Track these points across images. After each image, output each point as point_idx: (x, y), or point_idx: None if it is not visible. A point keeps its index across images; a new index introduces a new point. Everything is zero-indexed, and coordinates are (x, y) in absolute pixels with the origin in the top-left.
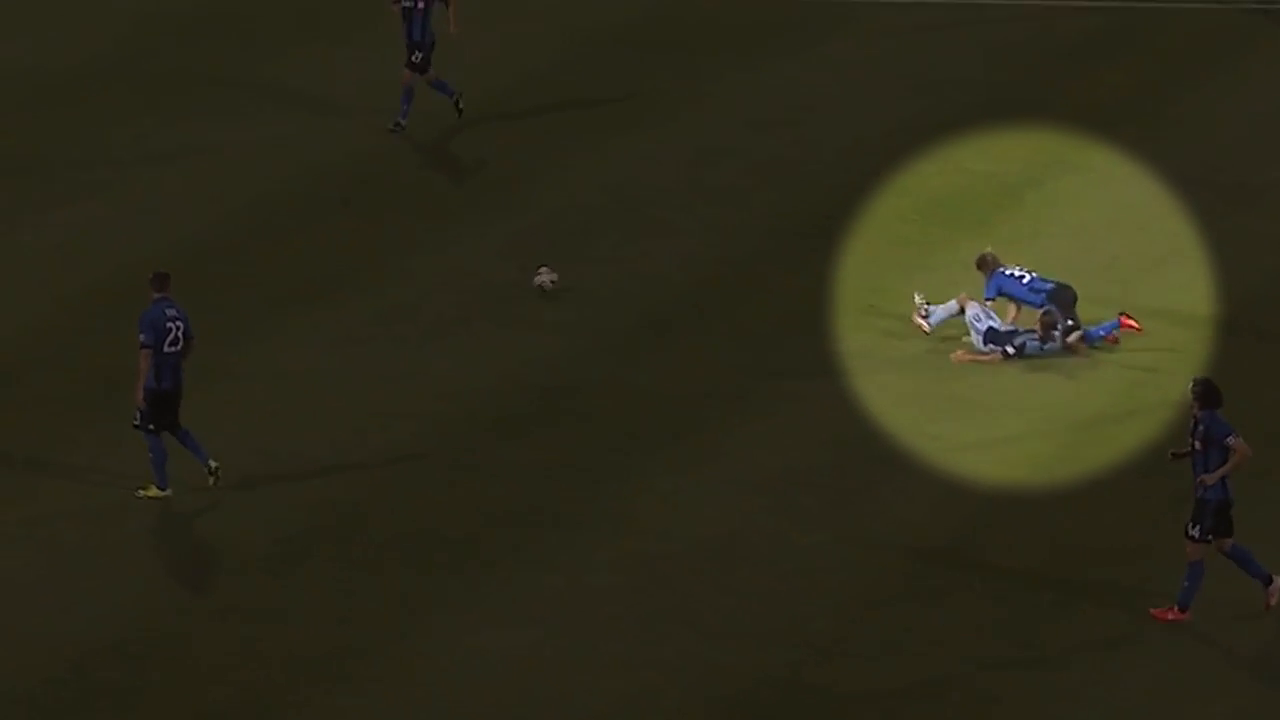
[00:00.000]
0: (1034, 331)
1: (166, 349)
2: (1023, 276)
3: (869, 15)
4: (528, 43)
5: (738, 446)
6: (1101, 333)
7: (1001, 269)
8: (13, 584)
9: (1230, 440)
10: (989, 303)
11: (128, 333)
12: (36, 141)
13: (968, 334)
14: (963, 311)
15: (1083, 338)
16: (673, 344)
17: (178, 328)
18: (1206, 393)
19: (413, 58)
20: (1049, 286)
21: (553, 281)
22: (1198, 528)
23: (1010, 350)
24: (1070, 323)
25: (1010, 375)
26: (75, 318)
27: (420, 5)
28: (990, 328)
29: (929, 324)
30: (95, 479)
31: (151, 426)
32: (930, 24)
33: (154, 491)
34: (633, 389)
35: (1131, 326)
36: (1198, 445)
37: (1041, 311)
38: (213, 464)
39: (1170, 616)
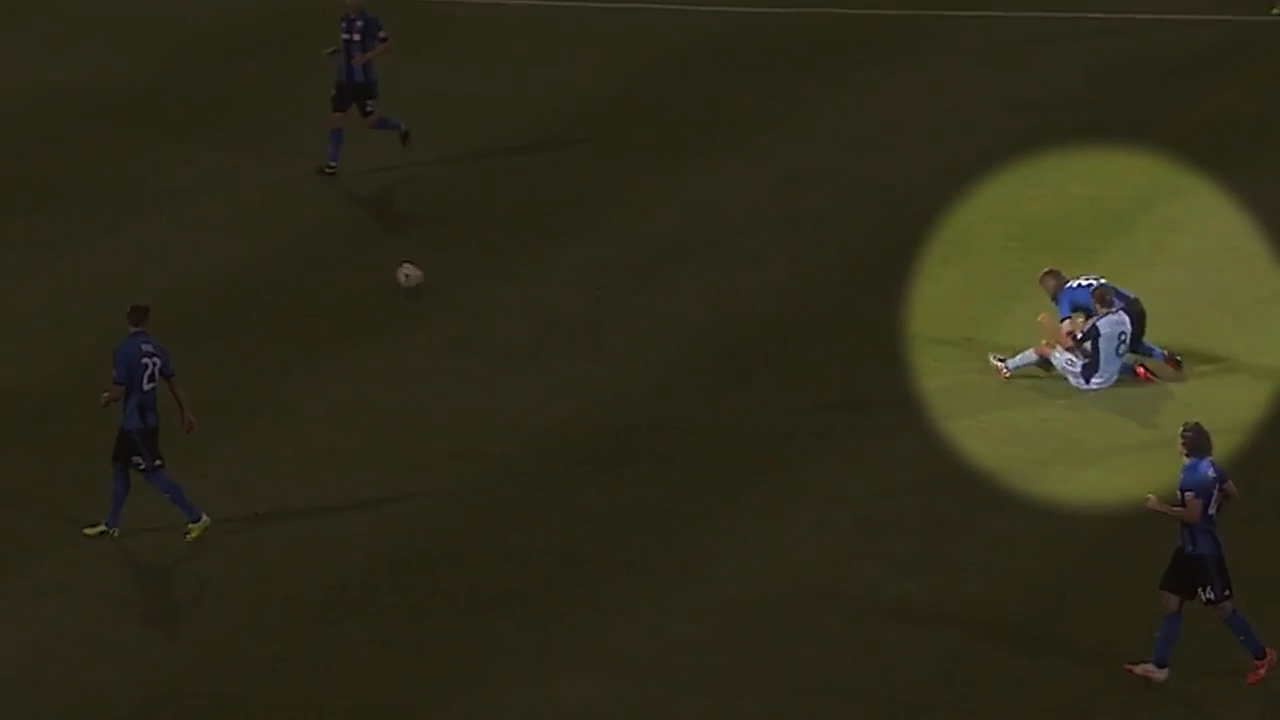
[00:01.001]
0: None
1: (146, 386)
2: (1090, 284)
3: (963, 30)
4: (600, 62)
5: (825, 488)
6: (1156, 355)
7: (1069, 283)
8: (60, 634)
9: (1187, 496)
10: (1066, 321)
11: (176, 366)
12: (80, 166)
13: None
14: (1044, 362)
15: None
16: (756, 379)
17: (154, 364)
18: (1195, 440)
19: (366, 108)
20: (1127, 295)
21: (407, 276)
22: (1210, 589)
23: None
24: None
25: (1113, 411)
26: None
27: (355, 37)
28: (1085, 365)
29: (1008, 367)
30: (140, 522)
31: (159, 463)
32: (1028, 39)
33: (196, 528)
34: (714, 427)
35: (1173, 365)
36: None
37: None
38: (115, 531)
39: (1262, 672)
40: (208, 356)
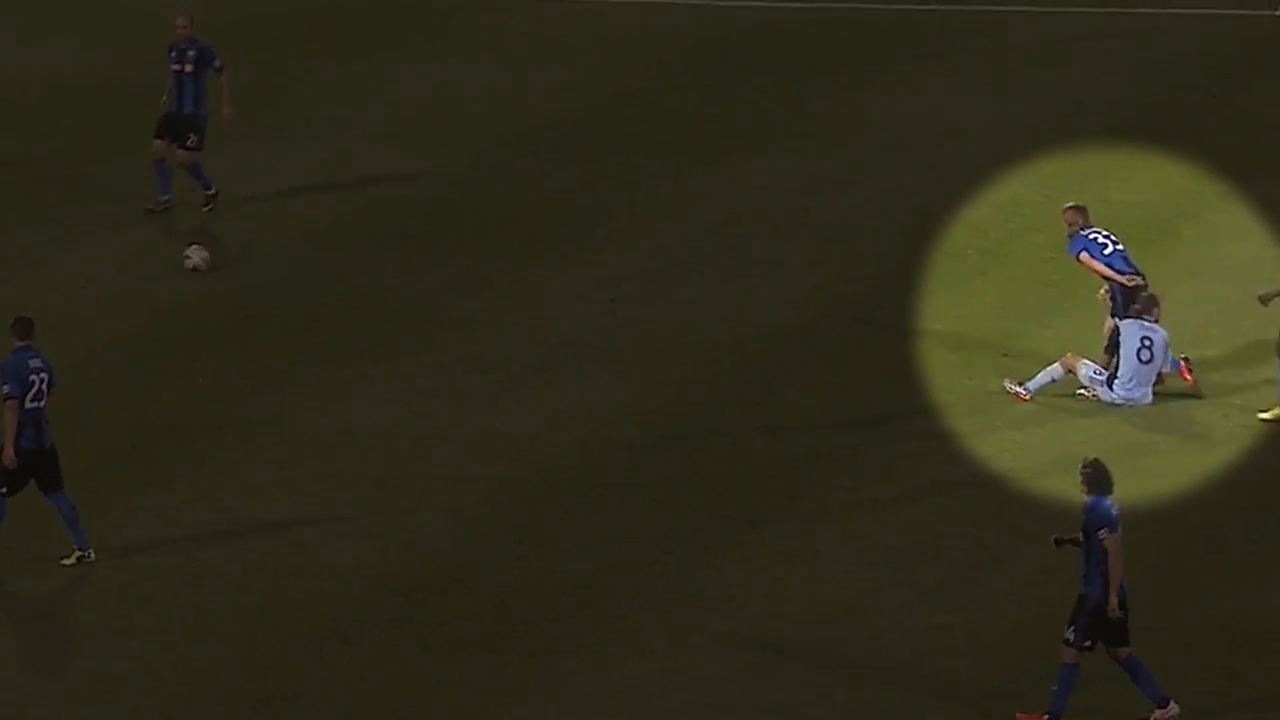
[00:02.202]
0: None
1: (29, 404)
2: (1106, 245)
3: (999, 26)
4: (613, 60)
5: (852, 513)
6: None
7: (1092, 231)
8: (37, 668)
9: (1102, 534)
10: (1077, 260)
11: (162, 385)
12: (57, 171)
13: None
14: (1072, 375)
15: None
16: (778, 397)
17: (42, 380)
18: (1095, 477)
19: (188, 141)
20: (1137, 268)
21: (204, 260)
22: (1073, 630)
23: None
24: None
25: (1158, 430)
26: (104, 367)
27: (188, 68)
28: (1109, 375)
29: (1025, 390)
30: (122, 550)
31: (4, 490)
32: (1069, 36)
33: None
34: (733, 447)
35: (1184, 377)
36: (1082, 535)
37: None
38: (91, 554)
39: None
40: (196, 374)
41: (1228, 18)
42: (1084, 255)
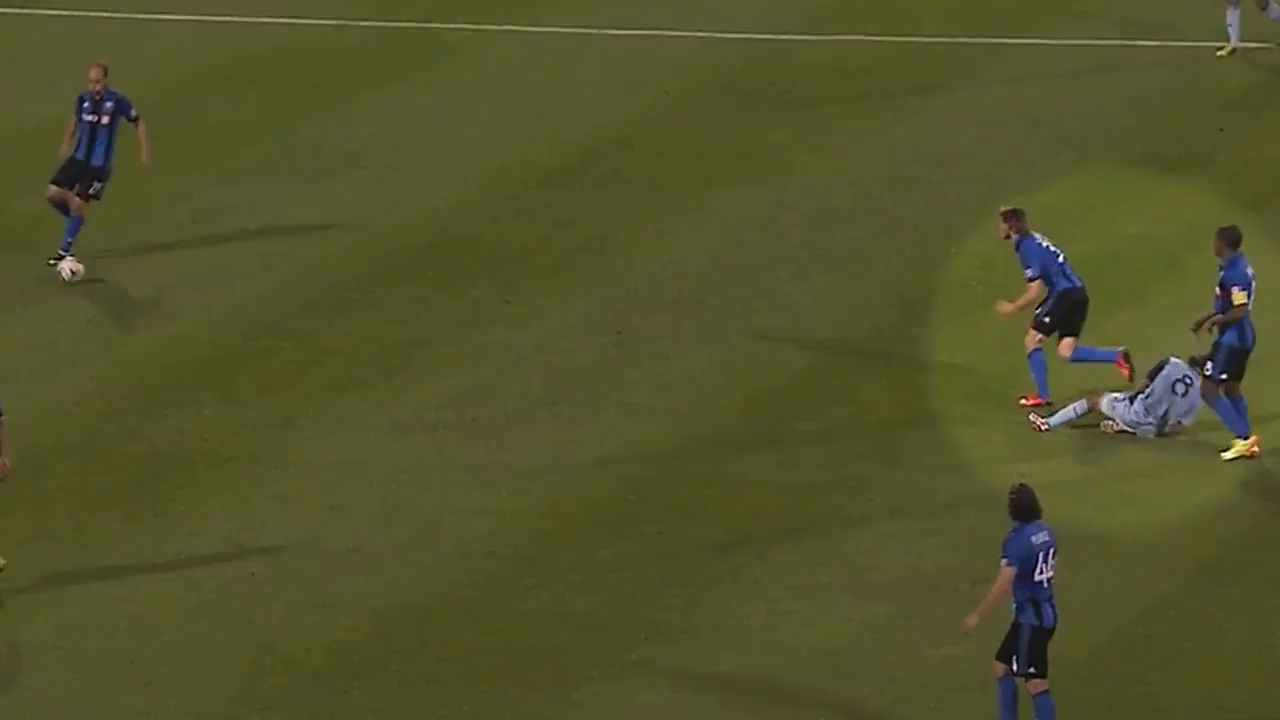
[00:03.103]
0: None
1: None
2: (1057, 254)
3: (1005, 59)
4: (619, 92)
5: (858, 546)
6: (1098, 356)
7: (1037, 238)
8: (43, 700)
9: (1002, 563)
10: (1033, 284)
11: (168, 417)
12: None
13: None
14: (1089, 410)
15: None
16: (785, 431)
17: None
18: (1017, 504)
19: (90, 189)
20: (1075, 280)
21: (73, 271)
22: (1018, 661)
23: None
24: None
25: (1165, 458)
26: (111, 400)
27: (104, 120)
28: (1134, 396)
29: (1049, 424)
30: (129, 583)
31: None
32: (1077, 68)
33: None
34: (740, 481)
35: (1123, 370)
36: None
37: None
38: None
39: None
40: (202, 406)
41: (1235, 50)
42: (1031, 273)
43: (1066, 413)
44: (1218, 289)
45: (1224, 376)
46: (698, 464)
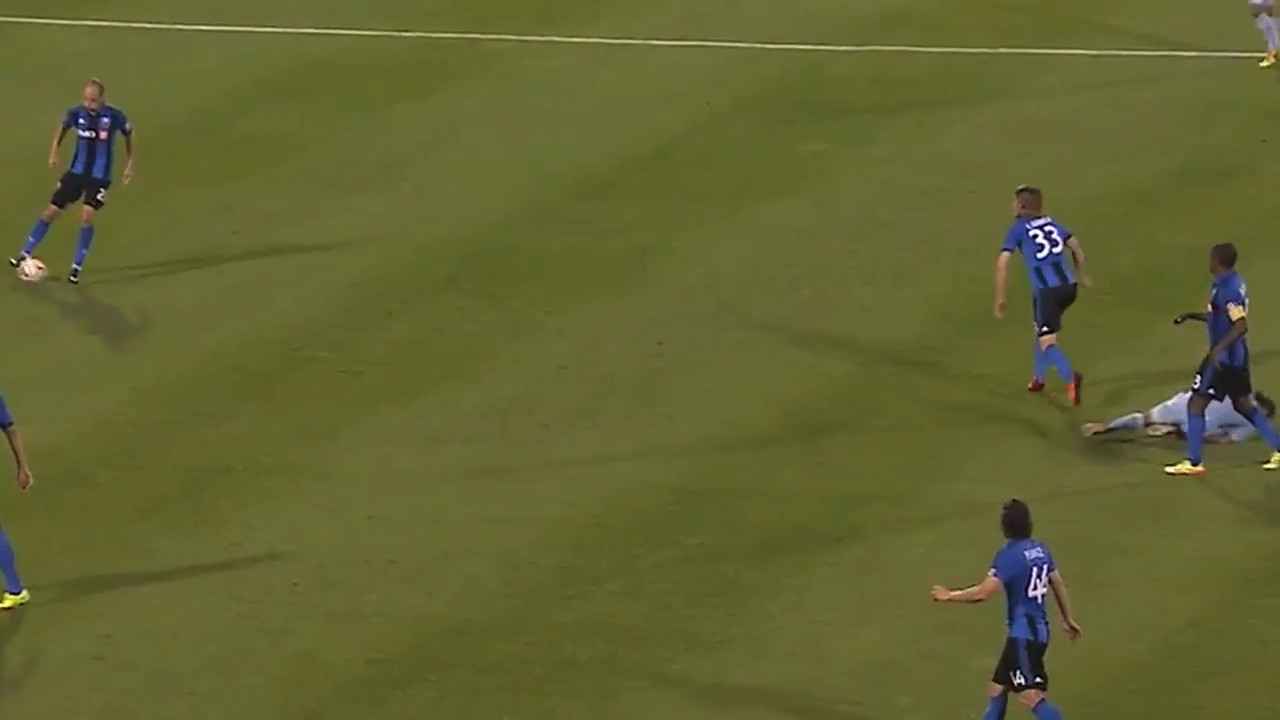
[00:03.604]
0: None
1: None
2: (1043, 246)
3: (1047, 70)
4: (661, 102)
5: (899, 558)
6: (1057, 365)
7: (1030, 220)
8: (83, 710)
9: (990, 573)
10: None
11: (210, 428)
12: (106, 214)
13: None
14: (1149, 425)
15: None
16: (826, 441)
17: None
18: (1008, 520)
19: (98, 196)
20: (1061, 283)
21: (39, 268)
22: (1019, 673)
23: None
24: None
25: (1208, 472)
26: (152, 410)
27: (102, 135)
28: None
29: (1110, 426)
30: (170, 593)
31: None
32: (1119, 79)
33: (13, 600)
34: (781, 491)
35: (1074, 395)
36: None
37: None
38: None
39: None
40: (244, 416)
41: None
42: (1004, 257)
43: (1125, 421)
44: (1210, 307)
45: (1211, 392)
46: (738, 474)
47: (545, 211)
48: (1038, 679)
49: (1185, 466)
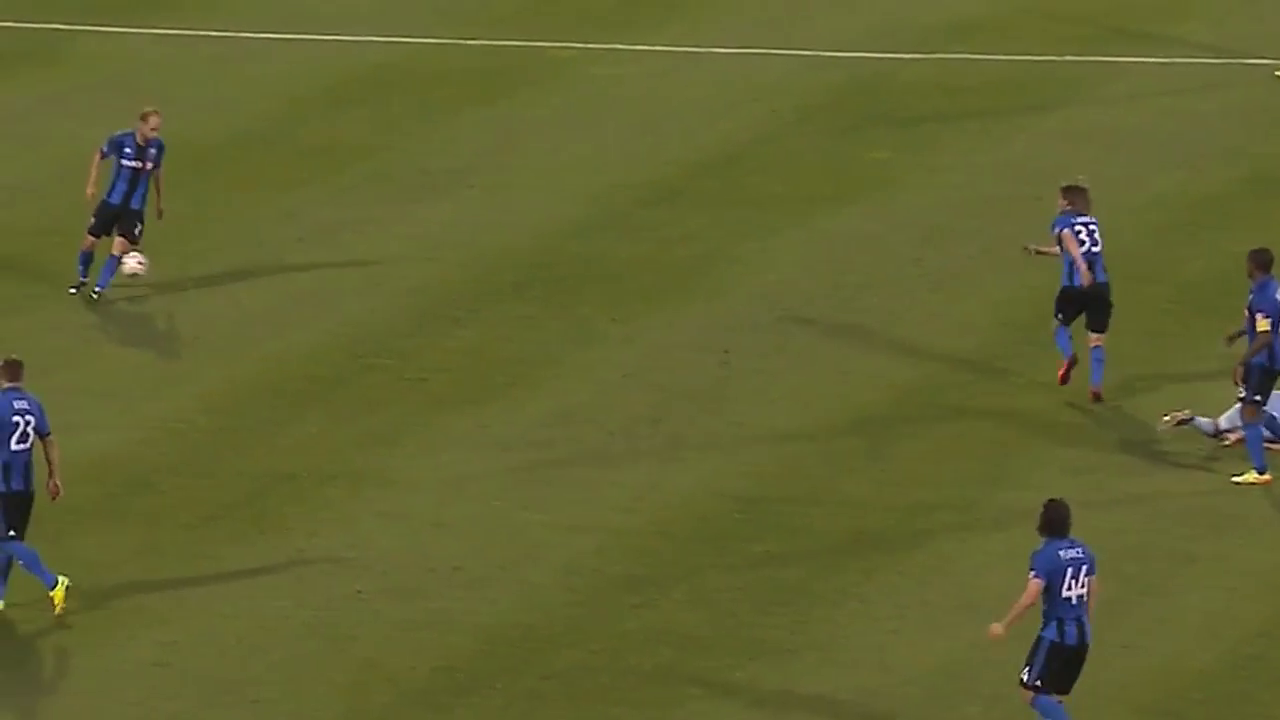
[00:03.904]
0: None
1: (14, 446)
2: (1084, 242)
3: (1113, 77)
4: (727, 110)
5: (966, 566)
6: (1061, 346)
7: (1075, 215)
8: (147, 718)
9: (1030, 575)
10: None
11: (275, 435)
12: (173, 221)
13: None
14: (1219, 433)
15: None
16: (892, 449)
17: (27, 422)
18: (1046, 519)
19: (136, 230)
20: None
21: (140, 263)
22: (1028, 669)
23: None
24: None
25: (1278, 479)
26: (218, 417)
27: (148, 166)
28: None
29: (1195, 422)
30: (235, 600)
31: (12, 534)
32: (1184, 86)
33: (57, 593)
34: (846, 500)
35: (1062, 372)
36: None
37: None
38: (65, 583)
39: None
40: (308, 423)
41: None
42: (1065, 233)
43: (1202, 422)
44: (1247, 312)
45: (1258, 398)
46: (803, 482)
47: (611, 219)
48: (1039, 681)
49: (1251, 475)
